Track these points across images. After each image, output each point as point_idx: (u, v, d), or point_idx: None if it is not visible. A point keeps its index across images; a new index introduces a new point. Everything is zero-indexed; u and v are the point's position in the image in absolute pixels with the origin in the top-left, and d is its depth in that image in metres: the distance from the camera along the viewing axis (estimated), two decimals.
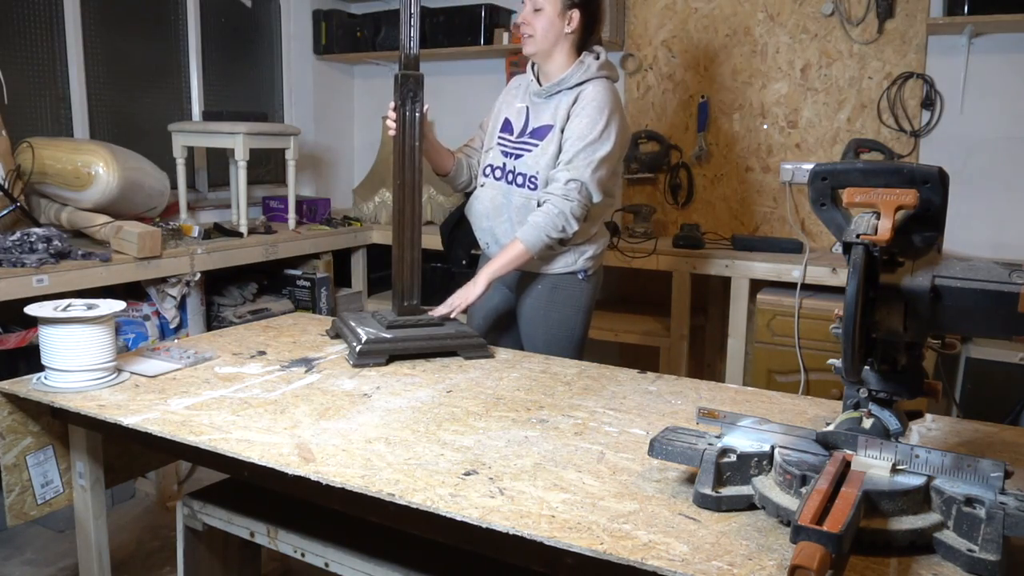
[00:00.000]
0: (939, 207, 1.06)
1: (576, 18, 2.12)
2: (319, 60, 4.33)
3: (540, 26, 2.12)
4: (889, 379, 1.13)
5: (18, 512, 1.71)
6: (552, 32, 2.12)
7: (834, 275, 2.89)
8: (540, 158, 2.14)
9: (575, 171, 2.07)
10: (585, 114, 2.08)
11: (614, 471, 1.25)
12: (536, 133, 2.17)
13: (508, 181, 2.21)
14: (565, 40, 2.14)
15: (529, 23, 2.13)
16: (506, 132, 2.26)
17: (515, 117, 2.25)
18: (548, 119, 2.15)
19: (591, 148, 2.07)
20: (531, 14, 2.12)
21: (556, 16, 2.11)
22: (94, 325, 1.63)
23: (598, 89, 2.10)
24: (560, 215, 2.06)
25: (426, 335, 1.91)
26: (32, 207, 2.92)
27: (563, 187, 2.07)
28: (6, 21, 3.05)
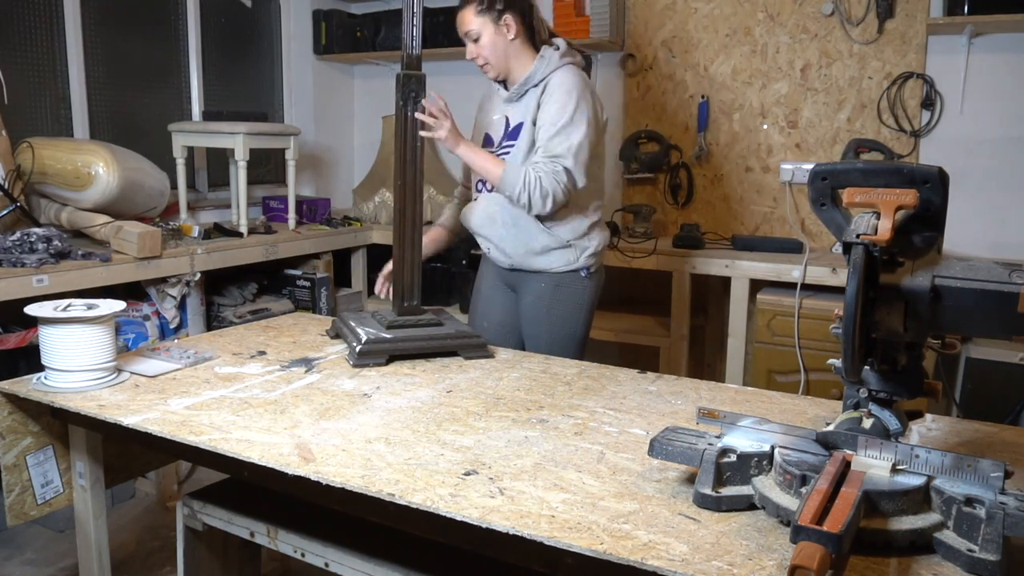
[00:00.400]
0: (939, 207, 1.06)
1: (511, 22, 2.12)
2: (319, 60, 4.33)
3: (487, 52, 2.14)
4: (889, 379, 1.13)
5: (18, 512, 1.71)
6: (499, 49, 2.14)
7: (834, 275, 2.89)
8: (518, 155, 2.16)
9: (553, 153, 2.08)
10: (553, 100, 2.09)
11: (614, 471, 1.25)
12: (512, 134, 2.19)
13: (490, 189, 2.22)
14: (514, 47, 2.15)
15: (477, 54, 2.15)
16: (488, 145, 2.27)
17: (495, 130, 2.26)
18: (520, 117, 2.17)
19: (565, 132, 2.07)
20: (474, 47, 2.14)
21: (494, 34, 2.12)
22: (94, 325, 1.63)
23: (565, 75, 2.13)
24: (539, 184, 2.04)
25: (426, 335, 1.91)
26: (32, 207, 2.92)
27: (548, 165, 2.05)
28: (6, 21, 3.05)
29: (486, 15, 2.11)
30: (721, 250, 3.22)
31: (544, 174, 2.05)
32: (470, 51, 2.15)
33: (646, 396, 1.63)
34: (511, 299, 2.37)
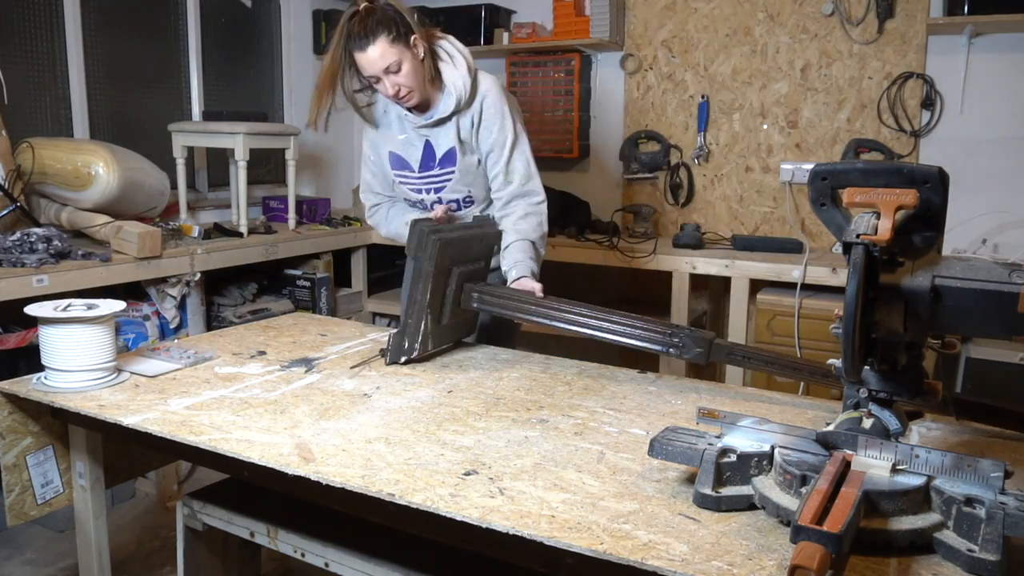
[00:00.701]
0: (939, 207, 1.06)
1: (419, 42, 1.99)
2: (319, 60, 4.31)
3: (410, 79, 1.99)
4: (889, 379, 1.13)
5: (18, 512, 1.71)
6: (419, 72, 2.00)
7: (834, 275, 2.89)
8: (463, 178, 2.14)
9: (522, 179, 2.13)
10: (493, 122, 2.09)
11: (614, 471, 1.25)
12: (445, 162, 2.13)
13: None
14: (426, 67, 2.03)
15: (400, 84, 1.98)
16: (403, 169, 2.18)
17: (406, 150, 2.16)
18: (450, 142, 2.11)
19: (518, 150, 2.12)
20: (393, 79, 1.97)
21: (412, 59, 1.98)
22: (94, 325, 1.63)
23: (492, 91, 2.09)
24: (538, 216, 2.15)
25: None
26: (32, 207, 2.92)
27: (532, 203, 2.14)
28: (6, 21, 3.05)
29: (399, 42, 1.95)
30: (721, 250, 3.22)
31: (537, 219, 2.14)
32: (390, 85, 1.97)
33: (646, 396, 1.63)
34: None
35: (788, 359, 1.59)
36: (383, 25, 1.93)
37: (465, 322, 2.03)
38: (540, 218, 2.15)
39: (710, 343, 1.62)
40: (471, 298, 1.86)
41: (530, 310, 1.82)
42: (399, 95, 2.01)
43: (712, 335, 1.65)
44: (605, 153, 3.83)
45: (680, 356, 1.63)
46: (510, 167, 2.12)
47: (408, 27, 1.97)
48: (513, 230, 2.12)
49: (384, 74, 1.97)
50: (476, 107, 2.09)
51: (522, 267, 2.06)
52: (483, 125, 2.09)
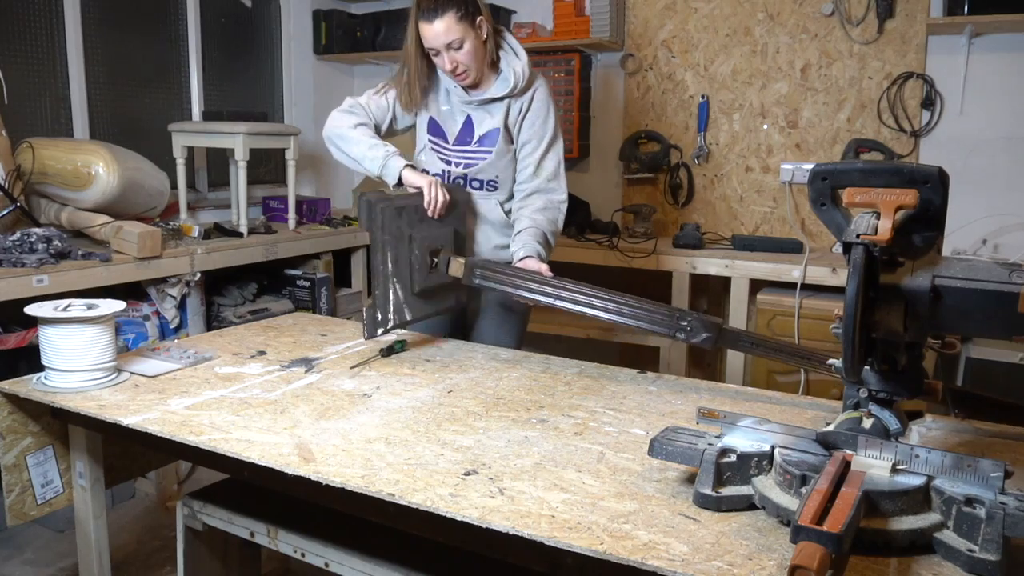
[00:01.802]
0: (939, 207, 1.06)
1: (484, 24, 2.06)
2: (319, 60, 4.33)
3: (468, 59, 2.04)
4: (889, 379, 1.13)
5: (18, 512, 1.71)
6: (479, 54, 2.07)
7: (834, 275, 2.89)
8: (498, 161, 2.17)
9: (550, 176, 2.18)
10: (540, 115, 2.17)
11: (614, 471, 1.25)
12: (485, 140, 2.17)
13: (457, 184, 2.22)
14: (487, 50, 2.10)
15: (459, 62, 2.04)
16: (437, 136, 2.20)
17: (444, 121, 2.19)
18: (494, 124, 2.15)
19: (554, 148, 2.19)
20: (454, 55, 2.03)
21: (475, 39, 2.04)
22: (94, 325, 1.63)
23: (544, 87, 2.18)
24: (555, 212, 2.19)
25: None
26: (32, 207, 2.92)
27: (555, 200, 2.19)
28: (6, 21, 3.05)
29: (466, 21, 2.02)
30: (721, 250, 3.22)
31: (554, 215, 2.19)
32: (449, 60, 2.03)
33: (646, 396, 1.63)
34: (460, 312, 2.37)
35: (795, 347, 1.59)
36: (453, 1, 2.00)
37: (449, 291, 2.04)
38: (557, 215, 2.19)
39: (719, 328, 1.61)
40: (473, 275, 1.85)
41: (534, 288, 1.81)
42: (456, 71, 2.07)
43: (720, 321, 1.64)
44: (605, 153, 3.83)
45: (688, 340, 1.62)
46: (543, 162, 2.17)
47: (476, 7, 2.05)
48: (528, 218, 2.15)
49: (445, 49, 2.03)
50: (528, 96, 2.15)
51: (530, 248, 2.10)
52: (530, 114, 2.16)
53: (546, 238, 2.14)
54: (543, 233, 2.14)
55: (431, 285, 1.95)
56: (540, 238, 2.12)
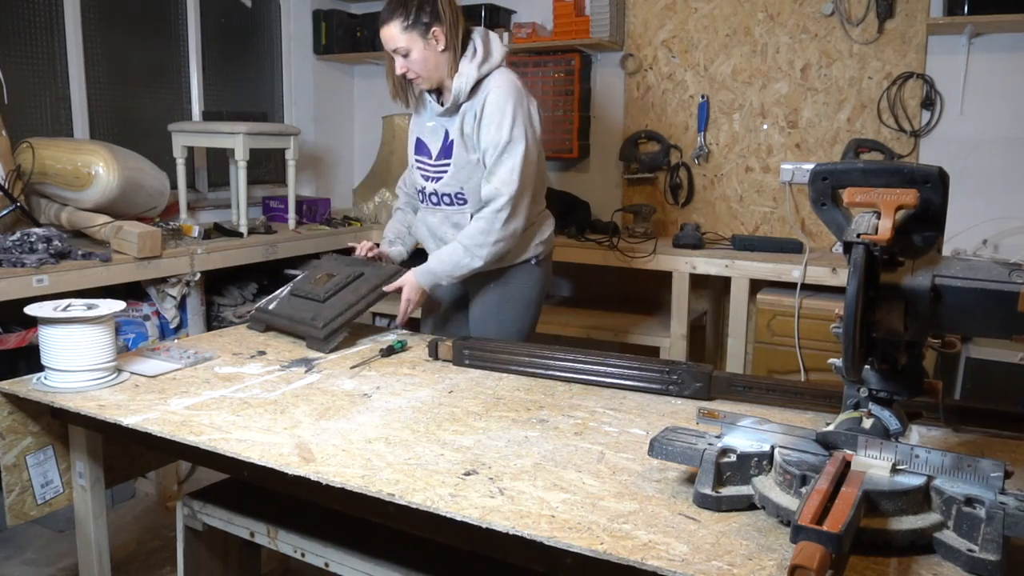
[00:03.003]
0: (939, 207, 1.06)
1: (440, 34, 2.03)
2: (319, 60, 4.32)
3: (418, 67, 2.05)
4: (889, 378, 1.13)
5: (18, 512, 1.71)
6: (430, 63, 2.05)
7: (834, 275, 2.89)
8: (458, 173, 2.14)
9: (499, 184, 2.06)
10: (492, 120, 2.06)
11: (614, 471, 1.25)
12: (445, 152, 2.16)
13: (434, 203, 2.22)
14: (445, 58, 2.06)
15: (407, 68, 2.06)
16: (423, 155, 2.22)
17: (429, 138, 2.20)
18: (454, 133, 2.13)
19: (508, 153, 2.06)
20: (403, 61, 2.05)
21: (423, 49, 2.02)
22: (94, 325, 1.63)
23: (499, 89, 2.07)
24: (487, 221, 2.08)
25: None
26: (32, 207, 2.92)
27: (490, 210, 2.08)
28: (6, 21, 3.05)
29: (413, 31, 2.00)
30: (721, 250, 3.22)
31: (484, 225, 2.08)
32: (399, 65, 2.05)
33: (646, 396, 1.63)
34: (458, 291, 2.36)
35: (789, 384, 1.58)
36: (403, 9, 2.00)
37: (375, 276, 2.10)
38: (487, 226, 2.07)
39: (709, 376, 1.60)
40: (462, 355, 1.84)
41: (523, 361, 1.77)
42: (406, 76, 2.09)
43: (710, 368, 1.62)
44: (605, 153, 3.83)
45: (680, 394, 1.60)
46: (495, 169, 2.08)
47: (434, 17, 2.01)
48: (463, 231, 2.13)
49: (394, 54, 2.06)
50: (479, 102, 2.08)
51: (425, 266, 2.11)
52: (484, 122, 2.08)
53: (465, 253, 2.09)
54: (461, 248, 2.09)
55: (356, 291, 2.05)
56: (451, 257, 2.10)
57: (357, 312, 1.96)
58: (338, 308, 1.95)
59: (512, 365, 1.78)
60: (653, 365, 1.65)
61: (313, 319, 1.90)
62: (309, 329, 1.91)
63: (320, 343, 1.87)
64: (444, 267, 2.11)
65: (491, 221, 2.08)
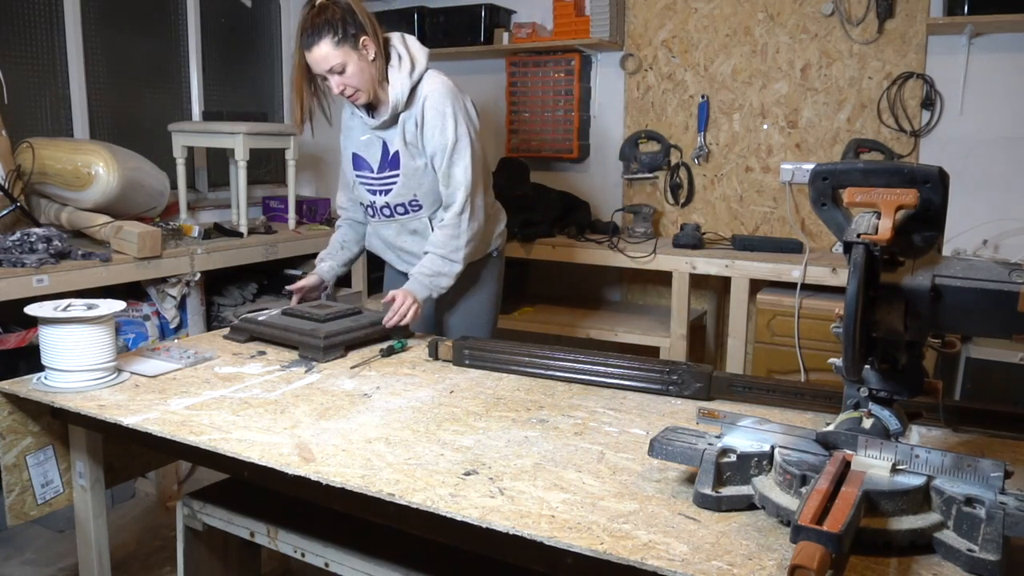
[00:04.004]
0: (939, 207, 1.06)
1: (368, 43, 2.01)
2: None
3: (355, 81, 2.02)
4: (889, 378, 1.13)
5: (18, 512, 1.71)
6: (366, 74, 2.02)
7: (834, 275, 2.89)
8: (408, 182, 2.13)
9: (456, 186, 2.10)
10: (435, 125, 2.07)
11: (614, 471, 1.25)
12: (391, 164, 2.14)
13: (387, 215, 2.21)
14: (377, 68, 2.04)
15: (346, 84, 2.02)
16: (364, 170, 2.20)
17: (366, 152, 2.18)
18: (396, 145, 2.12)
19: (457, 154, 2.08)
20: (340, 79, 2.01)
21: (358, 61, 2.00)
22: (94, 325, 1.63)
23: (434, 93, 2.07)
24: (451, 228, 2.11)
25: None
26: (32, 207, 2.92)
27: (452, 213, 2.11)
28: (6, 21, 3.05)
29: (345, 44, 1.97)
30: (721, 250, 3.22)
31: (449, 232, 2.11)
32: (336, 84, 2.01)
33: (646, 396, 1.63)
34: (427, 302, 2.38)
35: (789, 384, 1.58)
36: (329, 25, 1.96)
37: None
38: (453, 231, 2.10)
39: (709, 376, 1.59)
40: (462, 355, 1.84)
41: (523, 361, 1.77)
42: (344, 94, 2.05)
43: (710, 368, 1.62)
44: (605, 153, 3.83)
45: (680, 394, 1.60)
46: (449, 171, 2.09)
47: (359, 27, 1.98)
48: (430, 241, 2.14)
49: (329, 74, 2.01)
50: (418, 108, 2.08)
51: (411, 285, 2.09)
52: (426, 127, 2.08)
53: (444, 262, 2.11)
54: (438, 258, 2.11)
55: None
56: (433, 267, 2.10)
57: (356, 338, 1.95)
58: (339, 328, 1.94)
59: (512, 365, 1.78)
60: (653, 365, 1.65)
61: (312, 331, 1.90)
62: (306, 339, 1.88)
63: (317, 352, 1.85)
64: (427, 279, 2.10)
65: (456, 224, 2.11)
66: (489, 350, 1.82)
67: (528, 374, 1.76)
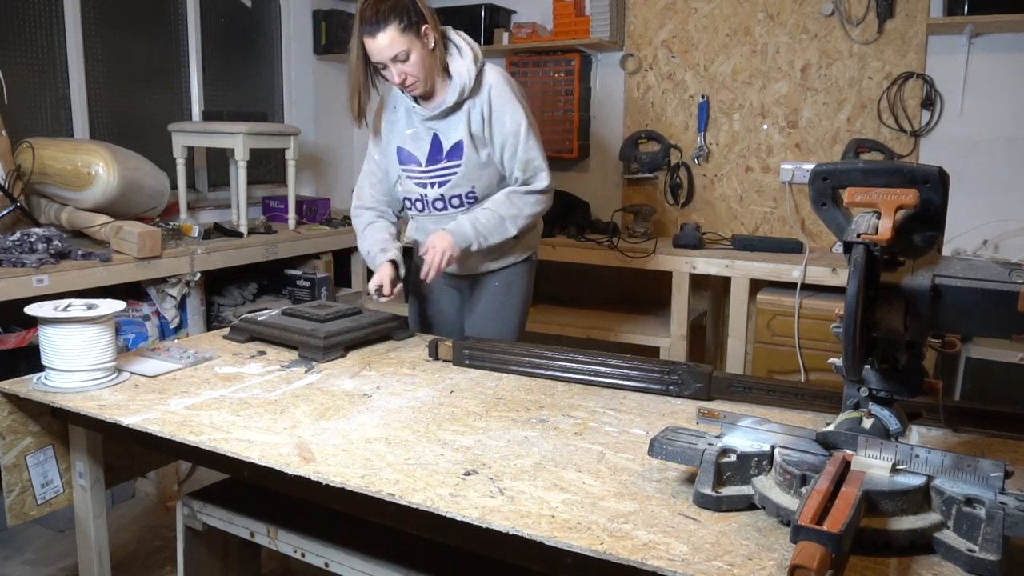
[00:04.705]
0: (939, 207, 1.06)
1: (430, 32, 2.00)
2: (319, 60, 4.32)
3: (416, 68, 2.00)
4: (889, 378, 1.13)
5: (18, 512, 1.71)
6: (428, 62, 2.01)
7: (834, 275, 2.89)
8: (469, 173, 2.11)
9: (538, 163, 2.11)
10: (504, 111, 2.07)
11: (614, 471, 1.25)
12: (452, 154, 2.12)
13: (439, 208, 2.18)
14: (436, 57, 2.04)
15: (407, 74, 2.00)
16: (410, 164, 2.17)
17: (413, 145, 2.15)
18: (458, 135, 2.09)
19: (529, 136, 2.09)
20: (400, 67, 1.98)
21: (421, 50, 1.99)
22: (94, 325, 1.63)
23: (498, 81, 2.08)
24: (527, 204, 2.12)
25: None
26: (32, 207, 2.92)
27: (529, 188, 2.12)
28: (6, 21, 3.05)
29: (410, 32, 1.96)
30: (721, 250, 3.22)
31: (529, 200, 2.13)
32: (397, 73, 1.99)
33: (646, 396, 1.63)
34: (456, 301, 2.36)
35: (789, 384, 1.58)
36: (395, 12, 1.94)
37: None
38: (526, 199, 2.12)
39: (709, 376, 1.59)
40: (462, 355, 1.83)
41: (523, 361, 1.77)
42: (405, 83, 2.02)
43: (710, 368, 1.62)
44: (605, 153, 3.83)
45: (680, 394, 1.60)
46: (527, 155, 2.10)
47: (420, 16, 1.98)
48: (493, 199, 2.13)
49: (392, 62, 1.98)
50: (484, 97, 2.07)
51: (456, 226, 2.08)
52: (494, 116, 2.08)
53: (500, 223, 2.10)
54: (496, 216, 2.09)
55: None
56: (482, 221, 2.09)
57: (356, 338, 1.95)
58: (339, 328, 1.94)
59: (512, 365, 1.78)
60: (653, 365, 1.65)
61: (312, 331, 1.90)
62: (306, 339, 1.88)
63: (317, 352, 1.85)
64: (480, 231, 2.08)
65: (532, 198, 2.13)
66: (489, 350, 1.82)
67: (528, 374, 1.76)
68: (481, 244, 2.10)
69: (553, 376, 1.73)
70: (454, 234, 2.07)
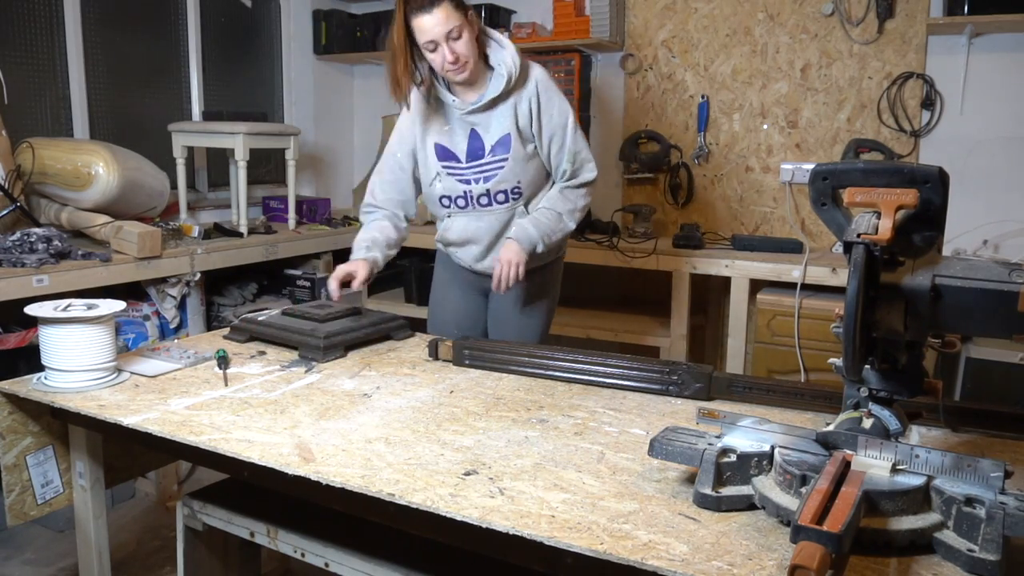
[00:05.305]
0: (939, 207, 1.06)
1: (474, 19, 1.99)
2: (319, 60, 4.33)
3: (467, 49, 1.97)
4: (889, 378, 1.13)
5: (18, 512, 1.71)
6: (472, 46, 1.99)
7: (834, 275, 2.89)
8: (516, 167, 2.10)
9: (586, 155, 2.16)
10: (552, 104, 2.09)
11: (614, 471, 1.25)
12: (498, 148, 2.09)
13: (483, 204, 2.15)
14: (477, 45, 2.02)
15: (459, 53, 1.96)
16: (449, 160, 2.13)
17: (451, 140, 2.12)
18: (504, 128, 2.07)
19: (574, 128, 2.13)
20: (452, 47, 1.95)
21: (470, 31, 1.97)
22: (94, 325, 1.63)
23: (541, 74, 2.10)
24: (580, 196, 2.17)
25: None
26: (32, 207, 2.92)
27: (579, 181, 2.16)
28: (6, 21, 3.05)
29: (460, 10, 1.94)
30: (721, 250, 3.21)
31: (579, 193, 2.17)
32: (449, 51, 1.94)
33: (646, 396, 1.63)
34: (478, 301, 2.36)
35: (789, 384, 1.58)
36: None
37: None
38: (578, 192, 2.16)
39: (709, 377, 1.59)
40: (462, 355, 1.83)
41: (523, 361, 1.76)
42: (456, 62, 1.97)
43: (710, 368, 1.62)
44: (605, 153, 3.83)
45: (680, 394, 1.60)
46: (575, 147, 2.13)
47: (464, 3, 1.99)
48: (548, 197, 2.16)
49: (445, 40, 1.94)
50: (532, 90, 2.07)
51: (519, 231, 2.09)
52: (543, 109, 2.07)
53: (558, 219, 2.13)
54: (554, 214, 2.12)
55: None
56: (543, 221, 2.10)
57: (356, 338, 1.95)
58: (339, 328, 1.94)
59: (512, 365, 1.78)
60: (653, 365, 1.65)
61: (312, 331, 1.90)
62: (306, 339, 1.88)
63: (317, 352, 1.85)
64: (543, 230, 2.10)
65: (582, 190, 2.16)
66: (489, 350, 1.82)
67: (528, 374, 1.76)
68: (546, 243, 2.12)
69: (553, 376, 1.73)
70: (519, 240, 2.07)
